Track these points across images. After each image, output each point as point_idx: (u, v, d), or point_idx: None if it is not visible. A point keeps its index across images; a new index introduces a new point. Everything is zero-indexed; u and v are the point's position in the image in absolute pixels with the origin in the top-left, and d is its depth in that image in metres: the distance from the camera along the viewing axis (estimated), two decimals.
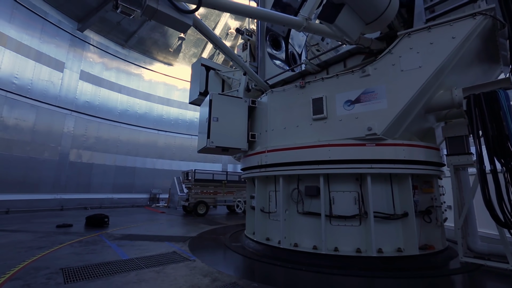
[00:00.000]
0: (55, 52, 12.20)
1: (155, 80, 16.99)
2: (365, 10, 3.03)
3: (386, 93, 3.59)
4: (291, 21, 3.72)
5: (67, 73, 12.67)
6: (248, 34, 6.18)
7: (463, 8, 3.50)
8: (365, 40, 3.87)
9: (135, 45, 15.58)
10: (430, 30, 3.48)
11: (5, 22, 10.39)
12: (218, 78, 6.43)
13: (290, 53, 6.72)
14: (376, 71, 3.74)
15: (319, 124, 4.09)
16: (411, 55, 3.52)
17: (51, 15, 12.01)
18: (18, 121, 10.62)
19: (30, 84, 11.13)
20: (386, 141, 3.64)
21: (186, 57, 17.64)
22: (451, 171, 3.72)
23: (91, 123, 13.58)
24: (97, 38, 14.16)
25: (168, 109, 17.46)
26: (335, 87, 4.04)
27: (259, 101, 5.25)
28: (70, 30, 12.81)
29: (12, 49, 10.57)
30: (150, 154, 16.08)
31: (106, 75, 14.57)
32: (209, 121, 4.64)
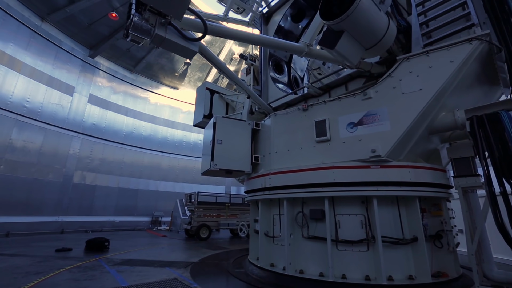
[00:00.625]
0: (66, 77, 12.71)
1: (160, 103, 17.41)
2: (364, 37, 3.15)
3: (389, 115, 3.62)
4: (293, 47, 3.87)
5: (76, 97, 13.09)
6: (251, 59, 6.41)
7: (459, 34, 3.62)
8: (365, 64, 3.98)
9: (143, 70, 16.19)
10: (428, 55, 3.58)
11: (22, 49, 10.97)
12: (222, 101, 6.58)
13: (292, 77, 6.91)
14: (378, 94, 3.80)
15: (322, 146, 4.10)
16: (411, 78, 3.59)
17: (65, 43, 12.68)
18: (26, 143, 10.81)
19: (41, 107, 11.48)
20: (391, 163, 3.61)
21: (191, 81, 18.20)
22: (459, 193, 3.63)
23: (96, 145, 13.76)
24: (107, 64, 14.78)
25: (173, 131, 17.71)
26: (337, 110, 4.10)
27: (262, 124, 5.31)
28: (82, 57, 13.43)
29: (26, 75, 11.05)
30: (153, 176, 16.06)
31: (114, 99, 15.01)
32: (213, 143, 4.68)
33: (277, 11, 6.79)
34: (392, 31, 3.28)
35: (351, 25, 2.95)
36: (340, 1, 3.02)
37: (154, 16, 2.80)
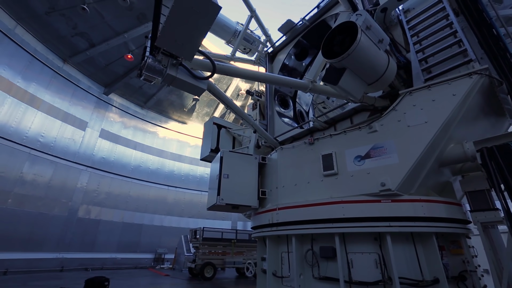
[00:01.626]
0: (81, 113, 13.32)
1: (168, 137, 17.82)
2: (365, 73, 3.27)
3: (396, 148, 3.59)
4: (298, 83, 4.03)
5: (88, 132, 13.56)
6: (257, 95, 6.65)
7: (458, 69, 3.72)
8: (369, 99, 4.08)
9: (153, 105, 16.91)
10: (430, 89, 3.66)
11: (43, 88, 11.72)
12: (229, 136, 6.70)
13: (298, 111, 7.08)
14: (383, 127, 3.83)
15: (330, 180, 4.03)
16: (415, 111, 3.63)
17: (83, 82, 13.54)
18: (36, 177, 10.98)
19: (54, 141, 11.87)
20: (402, 197, 3.49)
21: (199, 116, 18.79)
22: (479, 229, 3.42)
23: (104, 179, 13.86)
24: (119, 100, 15.53)
25: (180, 165, 17.83)
26: (343, 143, 4.10)
27: (269, 158, 5.32)
28: (97, 94, 14.21)
29: (44, 111, 11.65)
30: (158, 211, 15.81)
31: (124, 133, 15.48)
32: (219, 177, 4.66)
33: (281, 50, 7.21)
34: (392, 67, 3.41)
35: (352, 63, 3.09)
36: (340, 41, 3.21)
37: (166, 57, 3.01)
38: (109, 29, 11.75)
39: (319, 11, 6.43)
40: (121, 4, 10.56)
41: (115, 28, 11.78)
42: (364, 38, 3.02)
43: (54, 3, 10.17)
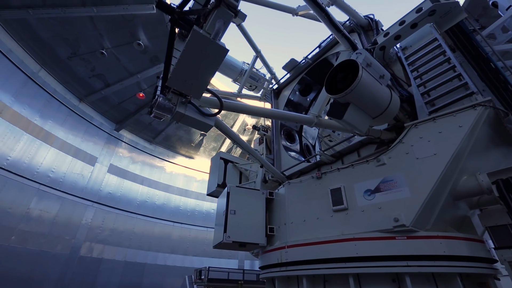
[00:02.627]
0: (92, 149, 13.67)
1: (175, 172, 17.88)
2: (369, 107, 3.34)
3: (406, 181, 3.50)
4: (303, 118, 4.11)
5: (97, 167, 13.76)
6: (263, 130, 6.78)
7: (462, 101, 3.76)
8: (374, 132, 4.10)
9: (162, 141, 17.30)
10: (435, 121, 3.67)
11: (58, 125, 12.24)
12: (235, 170, 6.69)
13: (304, 145, 7.12)
14: (391, 160, 3.78)
15: (340, 215, 3.88)
16: (423, 143, 3.61)
17: (96, 119, 14.13)
18: (42, 212, 10.92)
19: (63, 177, 12.03)
20: (418, 233, 3.30)
21: (206, 151, 19.02)
22: (507, 269, 3.15)
23: (109, 214, 13.67)
24: (129, 136, 15.99)
25: (186, 200, 17.60)
26: (352, 177, 4.03)
27: (276, 193, 5.23)
28: (108, 130, 14.71)
29: (57, 147, 12.01)
30: (162, 248, 15.23)
31: (132, 168, 15.64)
32: (226, 214, 4.55)
33: (286, 87, 7.51)
34: (395, 101, 3.48)
35: (355, 98, 3.18)
36: (343, 78, 3.34)
37: (176, 96, 3.17)
38: (124, 70, 12.58)
39: (320, 50, 6.81)
40: (136, 48, 11.45)
41: (129, 69, 12.62)
42: (365, 74, 3.14)
43: (76, 49, 11.09)
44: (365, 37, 5.72)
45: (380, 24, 6.08)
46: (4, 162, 9.93)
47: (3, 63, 9.99)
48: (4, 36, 9.86)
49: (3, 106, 10.02)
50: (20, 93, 10.71)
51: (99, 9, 9.63)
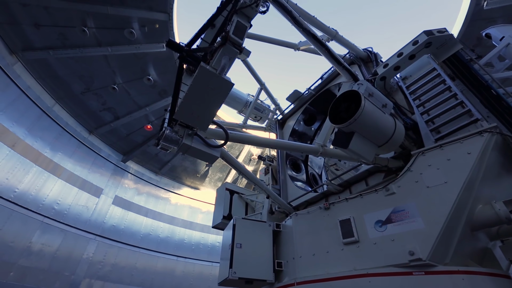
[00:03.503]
0: (98, 180, 13.72)
1: (180, 203, 17.62)
2: (374, 136, 3.35)
3: (419, 211, 3.37)
4: (309, 148, 4.13)
5: (102, 198, 13.69)
6: (269, 160, 6.78)
7: (468, 128, 3.75)
8: (381, 160, 4.06)
9: (167, 172, 17.34)
10: (442, 148, 3.64)
11: (67, 157, 12.47)
12: (241, 202, 6.58)
13: (310, 175, 7.04)
14: (401, 188, 3.68)
15: (351, 249, 3.69)
16: (432, 171, 3.53)
17: (104, 150, 14.39)
18: (44, 247, 10.66)
19: (68, 209, 11.94)
20: (437, 268, 3.09)
21: (211, 181, 18.91)
22: None
23: (111, 248, 13.26)
24: (136, 167, 16.10)
25: (191, 232, 17.09)
26: (361, 207, 3.91)
27: (283, 225, 5.05)
28: (115, 162, 14.88)
29: (64, 179, 12.10)
30: (165, 285, 14.45)
31: (137, 199, 15.50)
32: (232, 247, 4.37)
33: (291, 117, 7.65)
34: (400, 129, 3.49)
35: (360, 127, 3.21)
36: (346, 108, 3.40)
37: (182, 128, 3.26)
38: (133, 103, 13.09)
39: (323, 81, 7.04)
40: (146, 83, 12.04)
41: (138, 102, 13.13)
42: (368, 104, 3.20)
43: (90, 85, 11.71)
44: (365, 69, 5.94)
45: (379, 56, 6.34)
46: (12, 194, 9.98)
47: (21, 99, 10.55)
48: (24, 73, 10.54)
49: (16, 139, 10.36)
50: (34, 127, 11.13)
51: (113, 48, 10.35)
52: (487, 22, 9.23)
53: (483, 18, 9.38)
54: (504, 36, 6.14)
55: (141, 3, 9.19)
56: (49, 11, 8.89)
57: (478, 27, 9.25)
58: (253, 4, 3.42)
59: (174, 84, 3.36)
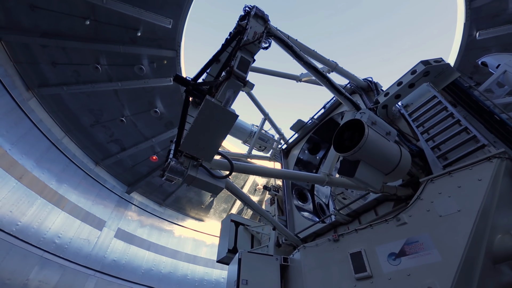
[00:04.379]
0: (101, 212, 13.53)
1: (184, 236, 17.08)
2: (380, 164, 3.31)
3: (434, 242, 3.20)
4: (314, 178, 4.08)
5: (105, 231, 13.37)
6: (275, 190, 6.68)
7: (475, 154, 3.69)
8: (389, 188, 3.96)
9: (172, 203, 17.09)
10: (452, 175, 3.55)
11: (72, 189, 12.46)
12: (247, 234, 6.37)
13: (317, 204, 6.87)
14: (412, 218, 3.54)
15: (365, 285, 3.45)
16: (443, 199, 3.42)
17: (109, 182, 14.39)
18: (41, 284, 10.20)
19: (69, 243, 11.62)
20: None
21: (216, 212, 18.50)
22: None
23: (111, 286, 12.62)
24: (140, 199, 15.94)
25: (194, 267, 16.31)
26: (372, 239, 3.74)
27: (291, 259, 4.81)
28: (120, 193, 14.79)
29: (67, 211, 11.97)
30: None
31: (139, 232, 15.10)
32: (237, 284, 4.13)
33: (295, 146, 7.68)
34: (406, 156, 3.46)
35: (365, 155, 3.19)
36: (350, 136, 3.42)
37: (188, 160, 3.28)
38: (140, 135, 13.38)
39: (326, 111, 7.17)
40: (153, 115, 12.40)
41: (145, 134, 13.41)
42: (371, 132, 3.22)
43: (99, 117, 12.11)
44: (367, 97, 6.07)
45: (379, 85, 6.51)
46: (14, 228, 9.84)
47: (32, 131, 10.88)
48: (37, 108, 11.00)
49: (24, 171, 10.48)
50: (42, 159, 11.32)
51: (123, 83, 10.87)
52: (482, 50, 9.56)
53: (477, 48, 9.74)
54: (499, 64, 6.32)
55: (151, 42, 9.84)
56: (66, 51, 9.54)
57: (474, 56, 9.58)
58: (256, 41, 3.63)
59: (180, 116, 3.46)
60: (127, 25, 9.17)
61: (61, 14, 8.58)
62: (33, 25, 8.72)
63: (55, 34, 9.06)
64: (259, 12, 4.05)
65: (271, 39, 4.43)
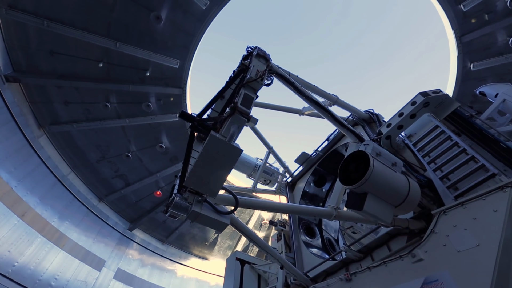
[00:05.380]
0: (101, 251, 13.03)
1: (187, 276, 16.15)
2: (388, 196, 3.22)
3: (456, 281, 2.96)
4: (321, 212, 3.97)
5: (104, 272, 12.74)
6: (281, 225, 6.45)
7: (487, 183, 3.58)
8: (401, 221, 3.80)
9: (175, 240, 16.48)
10: (465, 206, 3.41)
11: (74, 226, 12.18)
12: (253, 273, 6.02)
13: (326, 239, 6.56)
14: (428, 254, 3.33)
15: None
16: (459, 233, 3.24)
17: (112, 218, 14.10)
18: None
19: (65, 285, 11.03)
20: None
21: (221, 250, 17.70)
22: None
23: None
24: (142, 236, 15.43)
25: None
26: (387, 278, 3.48)
27: None
28: (122, 230, 14.38)
29: (66, 250, 11.55)
30: None
31: (140, 273, 14.35)
32: None
33: (300, 179, 7.59)
34: (415, 187, 3.37)
35: (372, 187, 3.12)
36: (355, 168, 3.38)
37: (192, 195, 3.25)
38: (145, 170, 13.42)
39: (329, 143, 7.21)
40: (158, 150, 12.58)
41: (150, 169, 13.46)
42: (377, 163, 3.19)
43: (105, 153, 12.30)
44: (369, 129, 6.12)
45: (380, 116, 6.61)
46: (9, 269, 9.46)
47: (40, 168, 11.01)
48: (47, 144, 11.27)
49: (27, 208, 10.39)
50: (46, 195, 11.28)
51: (131, 119, 11.24)
52: (478, 81, 9.83)
53: (473, 78, 10.02)
54: (497, 93, 6.44)
55: (159, 80, 10.38)
56: (79, 91, 10.07)
57: (471, 86, 9.82)
58: (258, 79, 3.81)
59: (185, 151, 3.50)
60: (137, 66, 9.78)
61: (77, 58, 9.24)
62: (51, 68, 9.35)
63: (70, 76, 9.65)
64: (261, 52, 4.32)
65: (273, 76, 4.64)
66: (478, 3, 8.29)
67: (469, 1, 8.31)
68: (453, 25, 9.18)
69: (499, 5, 8.18)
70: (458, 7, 8.67)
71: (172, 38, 9.30)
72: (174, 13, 8.69)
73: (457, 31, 9.22)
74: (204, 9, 8.57)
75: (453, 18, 9.03)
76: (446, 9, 8.90)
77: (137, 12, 8.44)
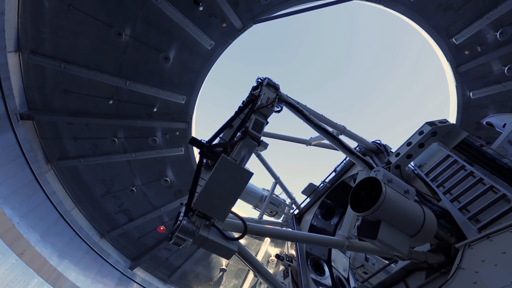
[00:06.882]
0: None
1: None
2: (403, 224, 3.05)
3: None
4: (333, 241, 3.76)
5: None
6: (288, 260, 6.05)
7: (510, 214, 3.37)
8: (418, 254, 3.53)
9: (177, 280, 15.54)
10: (491, 239, 3.16)
11: (72, 265, 11.63)
12: None
13: (336, 278, 6.09)
14: None
15: None
16: (489, 269, 2.96)
17: (112, 256, 13.49)
18: None
19: None
20: None
21: None
22: None
23: None
24: (143, 275, 14.60)
25: None
26: None
27: None
28: (122, 269, 13.66)
29: None
30: None
31: None
32: None
33: (308, 211, 7.32)
34: (430, 216, 3.20)
35: (385, 214, 2.96)
36: (367, 195, 3.24)
37: (200, 219, 3.16)
38: (149, 204, 13.18)
39: (337, 174, 7.07)
40: (163, 184, 12.48)
41: (154, 203, 13.22)
42: (389, 189, 3.07)
43: (110, 188, 12.23)
44: (378, 159, 6.03)
45: (388, 147, 6.54)
46: None
47: (44, 204, 10.90)
48: (53, 179, 11.29)
49: (27, 246, 10.06)
50: (48, 232, 10.99)
51: (137, 154, 11.36)
52: (480, 108, 9.86)
53: (474, 106, 10.06)
54: (505, 124, 6.41)
55: (166, 116, 10.69)
56: (88, 127, 10.37)
57: (473, 113, 9.83)
58: (269, 105, 3.95)
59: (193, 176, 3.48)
60: (145, 102, 10.17)
61: (89, 96, 9.68)
62: (63, 106, 9.77)
63: (81, 113, 10.03)
64: (271, 82, 4.54)
65: (282, 104, 4.77)
66: (469, 37, 8.66)
67: (460, 35, 8.70)
68: (447, 57, 9.51)
69: (490, 38, 8.53)
70: (450, 41, 9.06)
71: (179, 76, 9.79)
72: (181, 54, 9.26)
73: (452, 62, 9.52)
74: (209, 49, 9.13)
75: (447, 50, 9.38)
76: (439, 43, 9.30)
77: (147, 53, 9.02)
